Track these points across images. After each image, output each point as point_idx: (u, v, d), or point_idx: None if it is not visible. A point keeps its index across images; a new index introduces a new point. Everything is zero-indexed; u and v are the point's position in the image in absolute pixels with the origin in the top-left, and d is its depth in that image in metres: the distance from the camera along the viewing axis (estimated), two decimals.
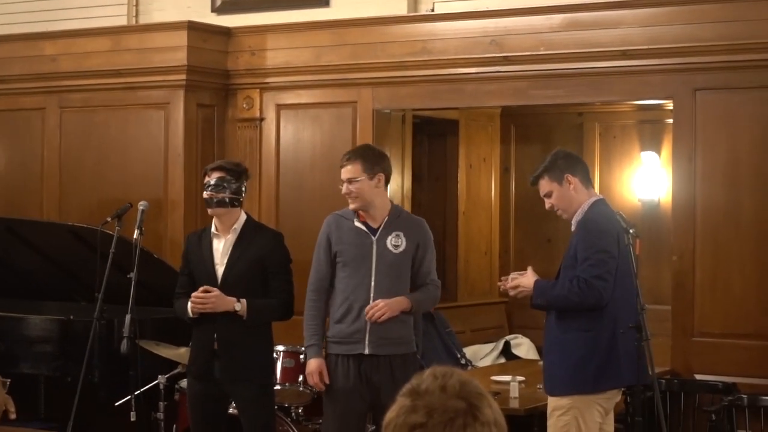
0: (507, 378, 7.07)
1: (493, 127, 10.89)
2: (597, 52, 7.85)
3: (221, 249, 6.17)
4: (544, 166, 5.86)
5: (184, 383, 6.78)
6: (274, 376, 6.70)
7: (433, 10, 8.74)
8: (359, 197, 5.94)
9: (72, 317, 7.69)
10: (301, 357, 6.93)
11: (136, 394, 6.39)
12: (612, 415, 5.84)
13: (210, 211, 6.21)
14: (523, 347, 9.77)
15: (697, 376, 7.55)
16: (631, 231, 5.58)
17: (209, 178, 6.17)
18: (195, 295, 6.03)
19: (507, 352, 9.75)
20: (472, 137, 10.70)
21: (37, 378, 8.30)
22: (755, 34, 7.41)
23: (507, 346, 9.80)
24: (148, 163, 9.06)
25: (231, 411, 6.33)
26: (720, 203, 7.57)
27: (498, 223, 10.93)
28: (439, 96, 8.56)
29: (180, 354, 6.82)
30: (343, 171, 5.99)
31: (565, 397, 5.68)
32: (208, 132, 9.11)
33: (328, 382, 5.96)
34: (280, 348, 6.92)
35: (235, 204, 6.16)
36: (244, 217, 6.23)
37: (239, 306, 6.02)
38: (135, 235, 6.41)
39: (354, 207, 5.99)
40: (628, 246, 5.59)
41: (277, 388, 6.88)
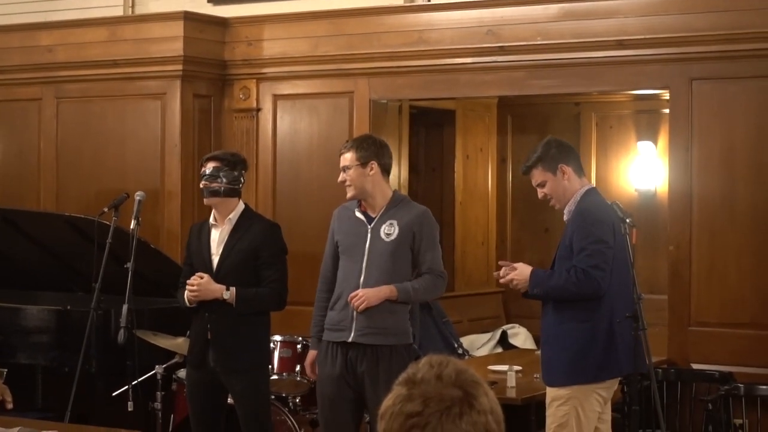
0: (504, 367, 7.08)
1: (489, 117, 10.89)
2: (593, 41, 7.85)
3: (217, 239, 6.19)
4: (537, 155, 5.81)
5: (182, 373, 6.79)
6: (270, 367, 6.70)
7: (429, 0, 8.74)
8: (352, 185, 5.98)
9: (69, 307, 7.69)
10: (298, 347, 6.96)
11: (133, 384, 6.41)
12: (609, 404, 5.85)
13: (205, 200, 6.23)
14: (520, 337, 9.79)
15: (694, 366, 7.55)
16: (627, 221, 5.57)
17: (204, 168, 6.19)
18: (188, 281, 6.06)
19: (504, 341, 9.77)
20: (469, 127, 10.70)
21: (34, 368, 8.30)
22: (751, 24, 7.41)
23: (504, 335, 9.82)
24: (144, 153, 9.06)
25: (231, 401, 6.33)
26: (716, 193, 7.57)
27: (495, 214, 10.94)
28: (436, 86, 8.56)
29: (177, 344, 6.83)
30: (340, 159, 6.06)
31: (564, 388, 5.67)
32: (204, 122, 9.10)
33: (316, 373, 6.02)
34: (277, 338, 6.94)
35: (231, 194, 6.16)
36: (241, 207, 6.23)
37: (227, 294, 6.02)
38: (132, 226, 6.42)
39: (350, 195, 6.03)
40: (624, 236, 5.58)
41: (275, 377, 6.90)
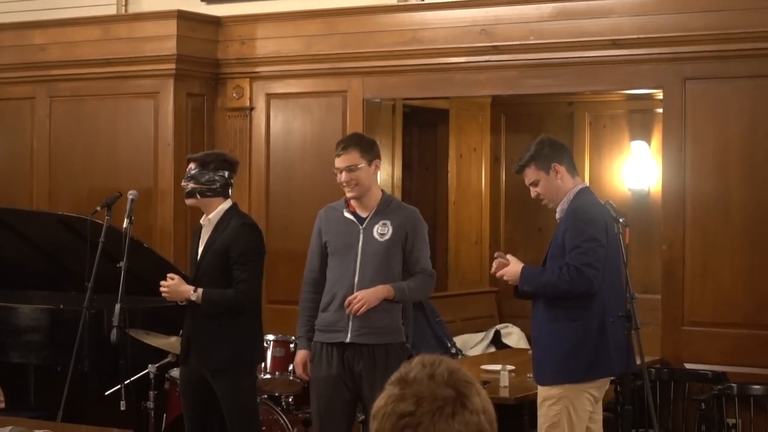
0: (497, 367, 7.07)
1: (483, 116, 10.89)
2: (587, 41, 7.85)
3: (203, 240, 6.19)
4: (530, 154, 5.80)
5: (174, 372, 6.78)
6: (262, 366, 6.69)
7: (423, 0, 8.74)
8: (359, 185, 5.92)
9: (62, 306, 7.67)
10: (291, 346, 6.95)
11: (125, 383, 6.39)
12: (600, 404, 5.85)
13: (185, 202, 6.27)
14: (514, 336, 9.79)
15: (687, 365, 7.56)
16: (620, 220, 5.57)
17: (187, 169, 6.22)
18: (161, 282, 6.10)
19: (497, 341, 9.76)
20: (463, 127, 10.70)
21: (26, 367, 8.28)
22: (745, 24, 7.42)
23: (497, 335, 9.82)
24: (137, 152, 9.05)
25: None
26: (709, 192, 7.58)
27: (488, 213, 10.93)
28: (429, 85, 8.56)
29: (170, 343, 6.82)
30: (339, 160, 5.94)
31: (555, 387, 5.67)
32: (197, 121, 9.09)
33: (309, 374, 5.99)
34: (270, 337, 6.93)
35: (209, 194, 6.13)
36: (225, 207, 6.18)
37: (194, 296, 6.02)
38: (124, 225, 6.41)
39: (352, 195, 5.95)
40: (617, 235, 5.58)
41: (267, 377, 6.90)
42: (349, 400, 5.97)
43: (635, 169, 10.19)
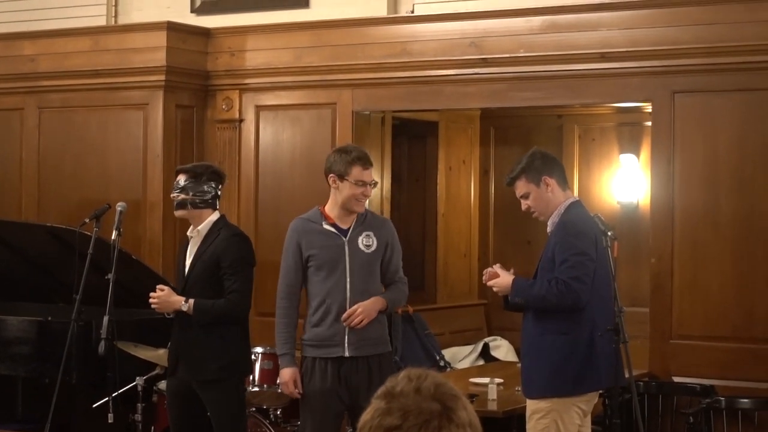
0: (485, 380, 7.07)
1: (472, 129, 10.90)
2: (576, 54, 7.87)
3: (191, 251, 6.18)
4: (521, 167, 5.82)
5: (162, 385, 6.76)
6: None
7: (412, 12, 8.75)
8: (366, 198, 6.06)
9: (50, 318, 7.66)
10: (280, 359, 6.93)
11: (113, 395, 6.38)
12: (589, 418, 5.85)
13: (174, 213, 6.26)
14: (502, 349, 9.78)
15: (675, 379, 7.56)
16: (609, 233, 5.57)
17: (176, 181, 6.21)
18: (151, 293, 6.09)
19: (486, 354, 9.76)
20: (452, 139, 10.71)
21: (14, 379, 8.26)
22: (734, 37, 7.43)
23: (486, 348, 9.81)
24: (127, 163, 9.04)
25: None
26: (698, 205, 7.59)
27: (477, 225, 10.93)
28: (419, 98, 8.57)
29: (158, 355, 6.81)
30: (367, 173, 6.01)
31: (543, 400, 5.67)
32: (187, 133, 9.09)
33: (302, 390, 5.96)
34: (258, 350, 6.92)
35: (199, 206, 6.13)
36: (214, 218, 6.18)
37: (185, 306, 6.01)
38: (113, 236, 6.40)
39: (361, 210, 6.00)
40: (606, 249, 5.58)
41: (256, 389, 6.88)
42: (340, 413, 5.99)
43: (624, 182, 10.20)
